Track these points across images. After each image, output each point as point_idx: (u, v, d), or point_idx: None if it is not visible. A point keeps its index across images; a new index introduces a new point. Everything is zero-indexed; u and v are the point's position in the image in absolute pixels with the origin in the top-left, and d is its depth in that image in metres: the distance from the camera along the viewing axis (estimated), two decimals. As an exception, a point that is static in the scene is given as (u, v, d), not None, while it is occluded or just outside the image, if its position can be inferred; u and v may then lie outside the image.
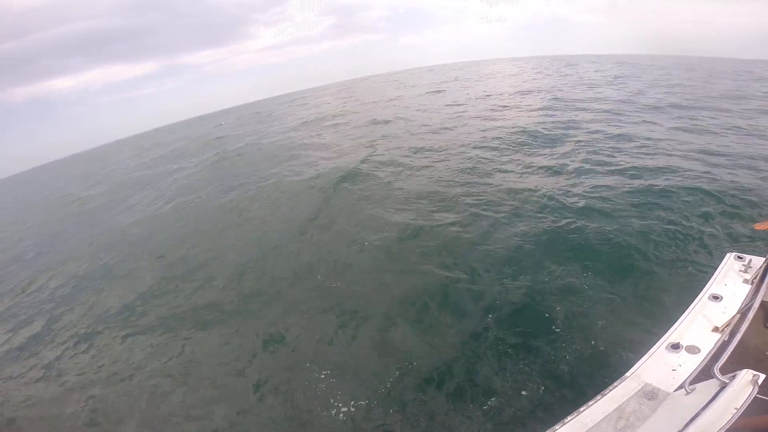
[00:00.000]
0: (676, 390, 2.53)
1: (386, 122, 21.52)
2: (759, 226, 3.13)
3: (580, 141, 12.62)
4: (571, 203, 8.28)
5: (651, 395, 2.56)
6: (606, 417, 2.45)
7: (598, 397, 2.57)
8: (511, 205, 8.51)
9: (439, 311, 5.57)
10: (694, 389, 2.33)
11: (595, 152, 11.35)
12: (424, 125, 18.59)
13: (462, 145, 13.83)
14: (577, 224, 7.31)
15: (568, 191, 8.88)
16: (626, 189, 8.61)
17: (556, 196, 8.64)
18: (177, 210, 12.66)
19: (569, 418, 2.43)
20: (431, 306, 5.71)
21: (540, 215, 7.84)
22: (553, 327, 4.86)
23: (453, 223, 7.96)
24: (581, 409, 2.49)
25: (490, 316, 5.27)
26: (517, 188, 9.40)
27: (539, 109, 19.45)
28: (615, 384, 2.65)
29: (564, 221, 7.49)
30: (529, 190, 9.14)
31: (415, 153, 13.61)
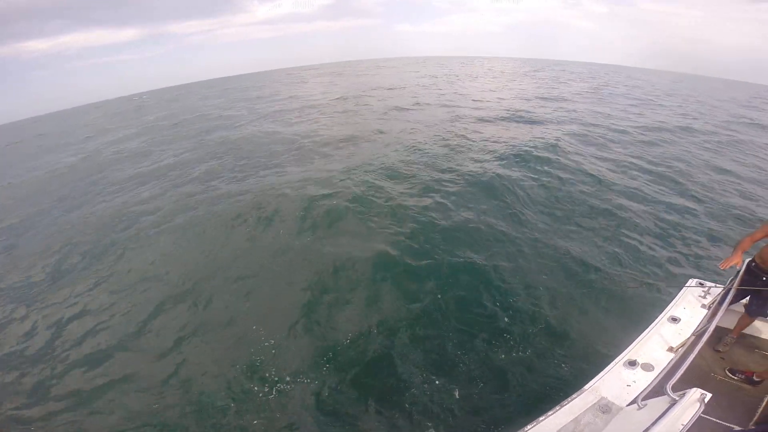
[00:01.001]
0: (628, 405, 2.68)
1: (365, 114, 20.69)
2: (724, 265, 3.25)
3: (553, 159, 12.36)
4: (535, 218, 8.33)
5: (605, 408, 2.70)
6: (563, 428, 2.58)
7: (557, 408, 2.69)
8: (478, 214, 8.49)
9: (393, 304, 5.67)
10: (646, 405, 2.48)
11: (570, 168, 11.33)
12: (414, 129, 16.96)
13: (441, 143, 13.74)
14: (543, 239, 7.37)
15: (534, 205, 8.96)
16: (597, 208, 8.72)
17: (523, 211, 8.68)
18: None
19: (529, 426, 2.55)
20: (386, 295, 5.85)
21: (502, 231, 7.78)
22: (519, 338, 4.98)
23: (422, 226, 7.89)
24: (540, 418, 2.61)
25: (452, 322, 5.34)
26: (490, 196, 9.42)
27: (523, 111, 19.62)
28: (573, 396, 2.78)
29: (528, 235, 7.55)
30: (499, 201, 9.14)
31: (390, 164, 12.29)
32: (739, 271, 3.35)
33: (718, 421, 2.72)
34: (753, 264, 3.33)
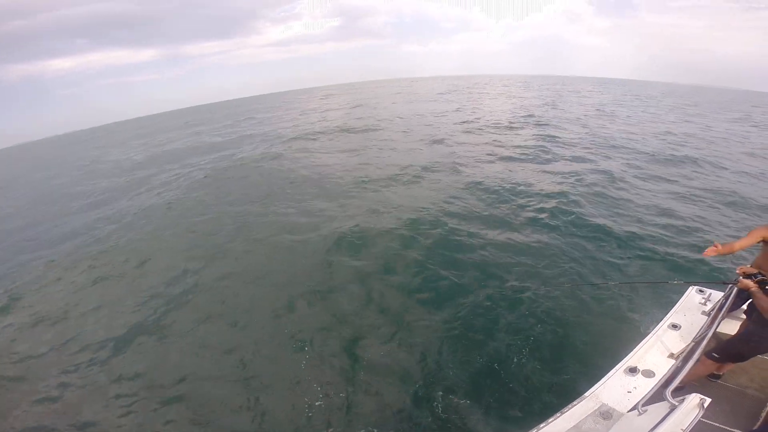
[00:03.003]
0: (629, 411, 2.69)
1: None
2: (707, 253, 3.29)
3: (564, 174, 12.53)
4: (540, 229, 8.37)
5: (606, 415, 2.72)
6: None
7: (558, 415, 2.71)
8: (491, 223, 8.69)
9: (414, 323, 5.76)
10: (646, 410, 2.50)
11: (582, 185, 11.30)
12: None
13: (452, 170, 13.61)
14: (545, 249, 7.42)
15: (538, 216, 9.04)
16: (598, 218, 8.76)
17: (531, 222, 8.77)
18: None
19: None
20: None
21: (509, 239, 7.96)
22: (519, 343, 5.05)
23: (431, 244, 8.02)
24: (541, 425, 2.63)
25: (455, 327, 5.46)
26: (495, 204, 9.71)
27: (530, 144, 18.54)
28: (574, 403, 2.80)
29: (533, 244, 7.64)
30: (505, 211, 9.35)
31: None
32: (737, 279, 3.37)
33: (720, 426, 2.72)
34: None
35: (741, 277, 3.09)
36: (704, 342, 2.87)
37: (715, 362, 3.10)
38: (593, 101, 40.50)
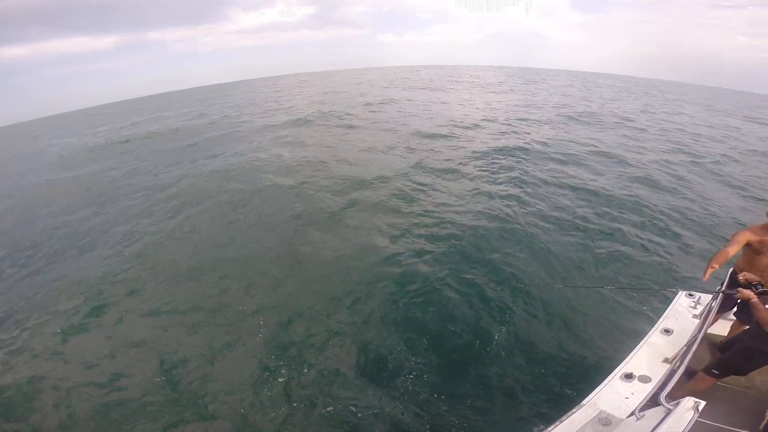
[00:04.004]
0: (628, 417, 2.72)
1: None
2: (707, 276, 3.28)
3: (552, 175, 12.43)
4: (526, 237, 8.19)
5: (605, 421, 2.73)
6: None
7: (557, 423, 2.72)
8: (473, 225, 8.54)
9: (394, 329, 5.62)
10: (644, 416, 2.54)
11: (562, 186, 11.35)
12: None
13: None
14: (535, 259, 7.34)
15: (524, 217, 8.99)
16: (585, 222, 8.75)
17: (515, 222, 8.69)
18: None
19: None
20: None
21: (496, 244, 7.80)
22: (516, 353, 5.02)
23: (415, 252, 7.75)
24: None
25: (442, 339, 5.31)
26: (478, 207, 9.59)
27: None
28: (572, 411, 2.81)
29: (521, 252, 7.51)
30: (488, 212, 9.26)
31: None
32: (723, 281, 3.46)
33: (724, 426, 2.79)
34: (735, 273, 3.49)
35: (741, 288, 3.05)
36: (695, 345, 2.93)
37: (715, 378, 3.13)
38: (571, 96, 40.72)
